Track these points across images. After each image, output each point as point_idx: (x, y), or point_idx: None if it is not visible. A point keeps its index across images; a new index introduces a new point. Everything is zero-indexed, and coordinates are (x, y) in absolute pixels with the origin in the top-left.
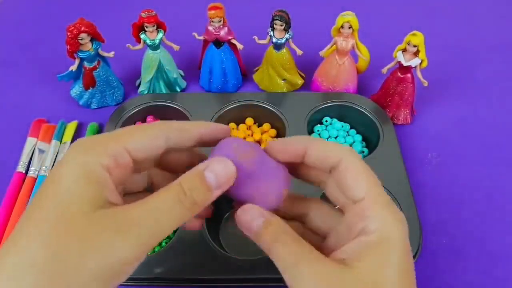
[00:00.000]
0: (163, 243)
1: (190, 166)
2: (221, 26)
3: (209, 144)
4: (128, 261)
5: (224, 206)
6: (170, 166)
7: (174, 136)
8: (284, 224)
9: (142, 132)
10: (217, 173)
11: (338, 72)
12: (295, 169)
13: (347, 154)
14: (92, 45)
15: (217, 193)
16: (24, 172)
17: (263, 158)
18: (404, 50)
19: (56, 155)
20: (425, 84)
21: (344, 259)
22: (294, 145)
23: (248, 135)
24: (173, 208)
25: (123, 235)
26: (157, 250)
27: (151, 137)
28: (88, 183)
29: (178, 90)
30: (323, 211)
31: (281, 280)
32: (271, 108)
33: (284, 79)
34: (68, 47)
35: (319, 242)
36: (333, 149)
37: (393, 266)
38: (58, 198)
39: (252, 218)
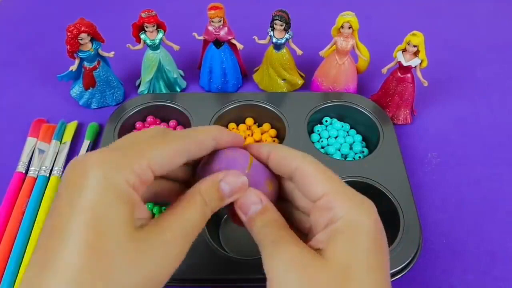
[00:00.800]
0: None
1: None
2: (221, 26)
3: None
4: (168, 274)
5: (224, 207)
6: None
7: (194, 151)
8: (277, 213)
9: (165, 147)
10: (231, 185)
11: (338, 72)
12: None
13: (302, 159)
14: (92, 45)
15: (229, 201)
16: (24, 172)
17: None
18: (404, 50)
19: (56, 155)
20: (425, 84)
21: (319, 249)
22: (259, 150)
23: (248, 135)
24: (200, 218)
25: (162, 252)
26: None
27: (174, 153)
28: (122, 204)
29: (178, 90)
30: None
31: None
32: (271, 108)
33: (284, 79)
34: (68, 47)
35: (306, 230)
36: (289, 156)
37: (362, 248)
38: (93, 220)
39: (251, 202)
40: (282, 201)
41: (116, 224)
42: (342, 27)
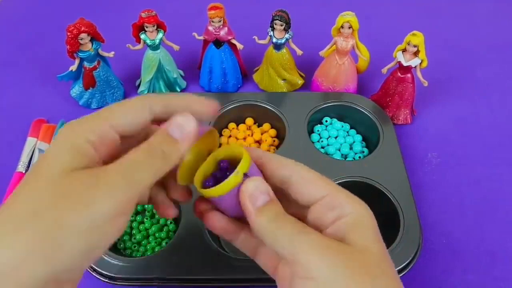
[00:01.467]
0: (163, 243)
1: None
2: (221, 26)
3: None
4: (110, 215)
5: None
6: None
7: (158, 106)
8: (281, 207)
9: (123, 107)
10: (180, 126)
11: (338, 72)
12: None
13: (297, 166)
14: (92, 45)
15: (184, 145)
16: (24, 172)
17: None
18: (404, 50)
19: None
20: (425, 84)
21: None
22: (256, 153)
23: (248, 135)
24: (146, 160)
25: (101, 189)
26: (157, 250)
27: (134, 110)
28: (70, 151)
29: (178, 90)
30: (304, 175)
31: None
32: (271, 108)
33: (284, 79)
34: (68, 47)
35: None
36: (284, 162)
37: (373, 237)
38: (44, 164)
39: (261, 192)
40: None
41: (59, 165)
42: (342, 27)
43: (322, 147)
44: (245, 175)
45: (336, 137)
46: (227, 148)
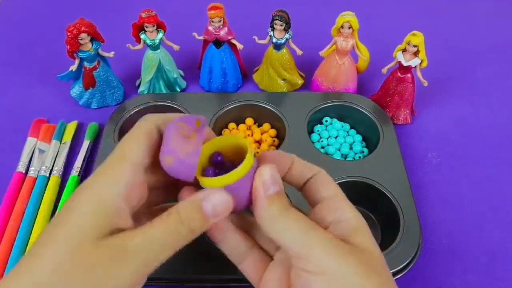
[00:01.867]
0: None
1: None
2: (221, 26)
3: None
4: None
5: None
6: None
7: (161, 121)
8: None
9: (133, 138)
10: (214, 203)
11: (338, 72)
12: None
13: (320, 170)
14: (92, 45)
15: (214, 221)
16: (24, 172)
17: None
18: (404, 50)
19: (56, 155)
20: (425, 84)
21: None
22: (285, 158)
23: (248, 135)
24: (170, 238)
25: (120, 264)
26: None
27: (143, 136)
28: (96, 215)
29: (178, 90)
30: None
31: None
32: (271, 108)
33: (284, 79)
34: (68, 47)
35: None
36: (308, 164)
37: (374, 243)
38: (69, 227)
39: (273, 180)
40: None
41: (85, 232)
42: (342, 27)
43: (322, 147)
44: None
45: (336, 137)
46: (219, 140)
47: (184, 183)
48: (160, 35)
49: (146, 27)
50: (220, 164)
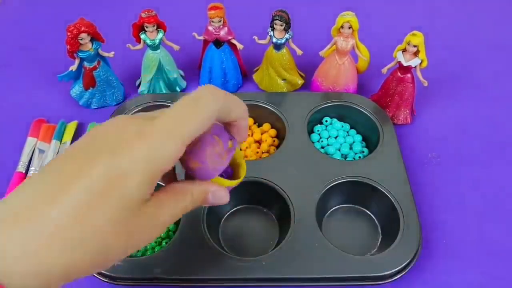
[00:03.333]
0: (163, 243)
1: None
2: (221, 26)
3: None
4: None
5: (224, 206)
6: None
7: (222, 114)
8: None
9: (197, 119)
10: (216, 197)
11: (338, 72)
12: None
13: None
14: (92, 45)
15: (209, 204)
16: (24, 172)
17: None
18: (404, 50)
19: (56, 155)
20: (425, 84)
21: None
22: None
23: (248, 135)
24: (180, 213)
25: (150, 233)
26: (157, 250)
27: (208, 120)
28: (150, 184)
29: (178, 90)
30: None
31: (280, 280)
32: (271, 108)
33: (284, 79)
34: (68, 47)
35: None
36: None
37: None
38: (124, 191)
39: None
40: None
41: (131, 197)
42: (342, 27)
43: (322, 147)
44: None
45: (336, 137)
46: None
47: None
48: (160, 35)
49: (146, 27)
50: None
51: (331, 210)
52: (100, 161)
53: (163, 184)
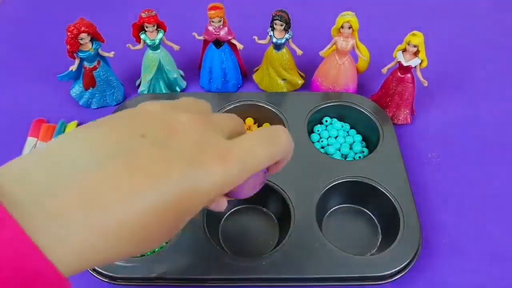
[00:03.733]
0: (163, 243)
1: None
2: (221, 26)
3: None
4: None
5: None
6: None
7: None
8: None
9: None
10: (218, 206)
11: (338, 72)
12: None
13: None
14: (92, 45)
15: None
16: None
17: None
18: (404, 50)
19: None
20: (425, 84)
21: None
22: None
23: None
24: None
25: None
26: (157, 250)
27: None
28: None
29: (178, 90)
30: None
31: (280, 280)
32: (271, 108)
33: (284, 79)
34: (68, 47)
35: None
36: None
37: None
38: (170, 183)
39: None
40: None
41: None
42: (342, 27)
43: (322, 147)
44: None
45: (336, 137)
46: None
47: None
48: (160, 35)
49: (146, 27)
50: None
51: (331, 210)
52: (177, 167)
53: None
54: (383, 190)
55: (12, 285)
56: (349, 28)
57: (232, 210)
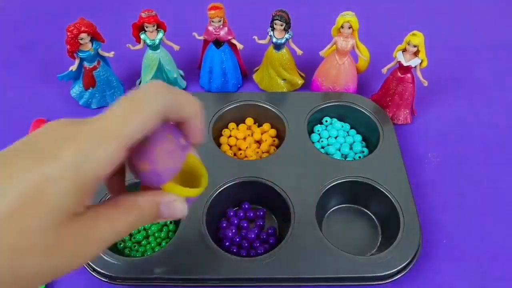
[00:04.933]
0: (163, 243)
1: None
2: (221, 26)
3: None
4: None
5: (224, 206)
6: None
7: (170, 113)
8: None
9: (137, 119)
10: (171, 209)
11: (338, 72)
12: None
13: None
14: (92, 45)
15: (163, 220)
16: None
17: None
18: (404, 50)
19: None
20: (425, 84)
21: None
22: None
23: (248, 135)
24: (127, 230)
25: (83, 249)
26: (157, 250)
27: (149, 121)
28: (77, 193)
29: None
30: None
31: (280, 280)
32: (271, 108)
33: (284, 79)
34: (68, 47)
35: None
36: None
37: None
38: (52, 202)
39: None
40: None
41: (55, 209)
42: (342, 27)
43: (322, 147)
44: None
45: (336, 137)
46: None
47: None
48: (160, 35)
49: (146, 27)
50: None
51: (331, 210)
52: (28, 168)
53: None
54: (383, 190)
55: None
56: (349, 28)
57: (232, 210)
